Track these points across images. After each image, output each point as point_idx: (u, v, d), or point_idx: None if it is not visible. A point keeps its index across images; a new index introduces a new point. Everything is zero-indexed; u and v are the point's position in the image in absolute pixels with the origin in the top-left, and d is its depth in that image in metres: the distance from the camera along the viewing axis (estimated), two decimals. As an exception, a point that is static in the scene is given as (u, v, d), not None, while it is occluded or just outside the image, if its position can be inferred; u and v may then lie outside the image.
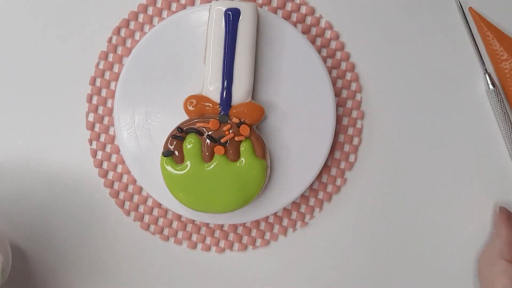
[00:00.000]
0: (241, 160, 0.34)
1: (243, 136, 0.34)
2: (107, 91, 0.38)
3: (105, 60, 0.38)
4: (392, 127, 0.39)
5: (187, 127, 0.34)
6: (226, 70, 0.34)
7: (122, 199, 0.39)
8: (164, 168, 0.34)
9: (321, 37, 0.38)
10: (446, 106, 0.39)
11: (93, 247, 0.39)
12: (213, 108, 0.34)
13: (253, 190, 0.35)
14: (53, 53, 0.38)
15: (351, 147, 0.39)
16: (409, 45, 0.39)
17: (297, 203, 0.39)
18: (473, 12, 0.39)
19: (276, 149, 0.36)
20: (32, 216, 0.39)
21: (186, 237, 0.39)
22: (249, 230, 0.39)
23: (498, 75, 0.39)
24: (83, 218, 0.39)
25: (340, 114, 0.39)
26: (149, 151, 0.36)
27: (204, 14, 0.36)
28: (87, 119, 0.39)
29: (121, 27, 0.38)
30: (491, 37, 0.38)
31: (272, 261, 0.39)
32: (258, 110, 0.35)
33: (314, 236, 0.39)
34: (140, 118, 0.36)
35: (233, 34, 0.34)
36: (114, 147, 0.39)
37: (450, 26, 0.39)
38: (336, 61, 0.38)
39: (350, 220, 0.39)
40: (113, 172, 0.39)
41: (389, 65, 0.39)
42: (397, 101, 0.39)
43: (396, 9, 0.39)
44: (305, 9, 0.38)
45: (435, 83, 0.39)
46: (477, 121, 0.39)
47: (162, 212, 0.39)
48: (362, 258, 0.39)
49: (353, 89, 0.39)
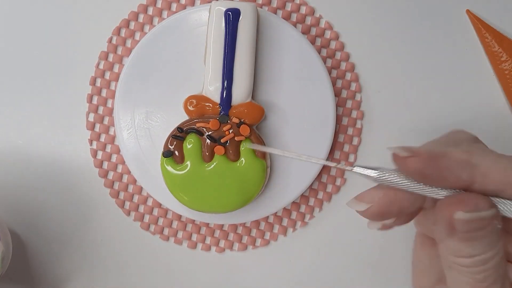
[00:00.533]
0: (241, 160, 0.34)
1: (243, 136, 0.34)
2: (107, 91, 0.38)
3: (105, 60, 0.38)
4: (392, 127, 0.39)
5: (187, 127, 0.34)
6: (226, 70, 0.34)
7: (122, 199, 0.39)
8: (164, 168, 0.34)
9: (321, 37, 0.38)
10: (446, 107, 0.39)
11: (93, 247, 0.39)
12: (213, 108, 0.34)
13: (253, 190, 0.35)
14: (53, 53, 0.38)
15: (351, 147, 0.39)
16: (409, 45, 0.39)
17: (297, 203, 0.39)
18: (471, 15, 0.39)
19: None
20: (31, 216, 0.39)
21: (186, 237, 0.39)
22: (249, 230, 0.39)
23: (498, 76, 0.39)
24: (83, 218, 0.39)
25: (340, 114, 0.39)
26: (150, 151, 0.36)
27: (204, 14, 0.36)
28: (87, 119, 0.39)
29: (121, 27, 0.38)
30: (490, 38, 0.38)
31: (272, 261, 0.39)
32: (258, 110, 0.35)
33: (314, 236, 0.39)
34: (140, 118, 0.36)
35: (233, 34, 0.34)
36: (114, 147, 0.39)
37: (450, 26, 0.39)
38: (336, 61, 0.39)
39: (350, 220, 0.39)
40: (113, 172, 0.39)
41: (389, 65, 0.39)
42: (397, 101, 0.39)
43: (395, 10, 0.39)
44: (305, 9, 0.38)
45: (435, 83, 0.39)
46: (478, 120, 0.39)
47: (162, 212, 0.39)
48: (362, 258, 0.39)
49: (353, 89, 0.39)
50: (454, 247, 0.25)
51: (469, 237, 0.25)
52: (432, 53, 0.39)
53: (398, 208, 0.27)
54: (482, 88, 0.39)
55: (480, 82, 0.39)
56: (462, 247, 0.25)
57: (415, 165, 0.25)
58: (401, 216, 0.27)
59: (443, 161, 0.25)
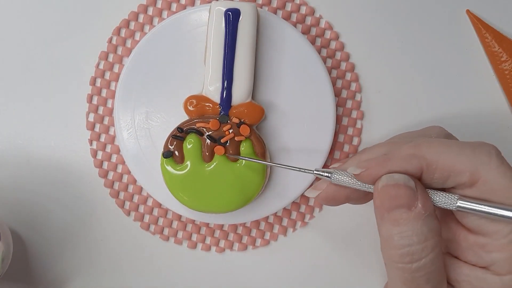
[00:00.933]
0: (241, 160, 0.34)
1: (243, 136, 0.34)
2: (107, 91, 0.38)
3: (105, 60, 0.38)
4: (392, 127, 0.39)
5: (187, 127, 0.34)
6: (226, 70, 0.34)
7: (122, 199, 0.39)
8: (164, 168, 0.34)
9: (321, 37, 0.38)
10: (446, 107, 0.39)
11: (93, 247, 0.39)
12: (213, 108, 0.34)
13: (253, 190, 0.35)
14: (53, 53, 0.38)
15: (351, 147, 0.39)
16: (409, 46, 0.39)
17: (297, 203, 0.39)
18: (471, 15, 0.39)
19: (276, 149, 0.36)
20: (31, 216, 0.39)
21: (186, 237, 0.39)
22: (249, 230, 0.39)
23: (498, 76, 0.39)
24: (83, 218, 0.39)
25: (340, 114, 0.39)
26: (150, 151, 0.36)
27: (204, 15, 0.36)
28: (87, 119, 0.39)
29: (121, 27, 0.38)
30: (490, 38, 0.38)
31: (272, 261, 0.39)
32: (258, 110, 0.35)
33: (314, 236, 0.39)
34: (140, 118, 0.36)
35: (233, 34, 0.34)
36: (114, 147, 0.39)
37: (450, 27, 0.39)
38: (336, 61, 0.39)
39: (350, 220, 0.39)
40: (113, 172, 0.39)
41: (389, 65, 0.39)
42: (397, 101, 0.39)
43: (395, 10, 0.39)
44: (305, 9, 0.38)
45: (435, 83, 0.39)
46: (477, 120, 0.39)
47: (162, 212, 0.39)
48: (362, 258, 0.39)
49: (353, 89, 0.39)
50: (386, 233, 0.28)
51: (395, 218, 0.27)
52: (432, 53, 0.39)
53: (345, 196, 0.31)
54: (482, 88, 0.39)
55: (480, 82, 0.39)
56: (393, 233, 0.27)
57: (367, 178, 0.29)
58: (351, 201, 0.32)
59: (388, 164, 0.28)
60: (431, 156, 0.28)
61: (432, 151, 0.28)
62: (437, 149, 0.28)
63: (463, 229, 0.29)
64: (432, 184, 0.28)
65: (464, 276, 0.29)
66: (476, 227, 0.28)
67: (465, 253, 0.29)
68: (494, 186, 0.27)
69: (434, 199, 0.28)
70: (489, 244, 0.28)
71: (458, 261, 0.29)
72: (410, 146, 0.28)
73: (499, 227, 0.27)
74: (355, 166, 0.29)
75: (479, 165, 0.27)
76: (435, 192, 0.28)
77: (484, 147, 0.27)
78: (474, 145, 0.28)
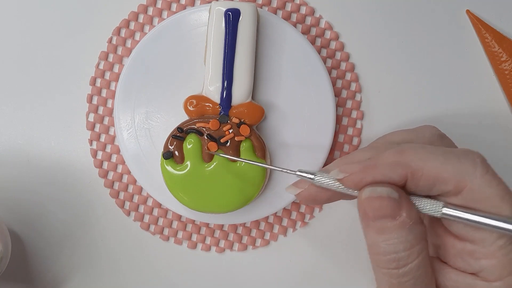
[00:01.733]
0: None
1: (243, 136, 0.34)
2: (107, 91, 0.38)
3: (105, 61, 0.38)
4: (392, 127, 0.39)
5: (187, 127, 0.34)
6: (226, 70, 0.34)
7: (122, 199, 0.39)
8: (164, 168, 0.34)
9: (321, 37, 0.39)
10: (446, 107, 0.39)
11: (92, 247, 0.39)
12: (213, 108, 0.34)
13: (253, 190, 0.35)
14: (53, 53, 0.38)
15: (351, 147, 0.39)
16: (409, 46, 0.39)
17: (297, 203, 0.39)
18: (471, 15, 0.39)
19: (276, 149, 0.36)
20: (31, 216, 0.39)
21: (186, 237, 0.39)
22: (249, 230, 0.39)
23: (498, 76, 0.39)
24: (83, 218, 0.39)
25: (340, 114, 0.39)
26: (149, 151, 0.36)
27: (204, 15, 0.36)
28: (87, 119, 0.39)
29: (121, 27, 0.38)
30: (490, 38, 0.38)
31: (272, 261, 0.39)
32: (258, 110, 0.35)
33: (314, 236, 0.39)
34: (140, 118, 0.36)
35: (233, 34, 0.34)
36: (114, 147, 0.39)
37: (450, 27, 0.39)
38: (336, 61, 0.39)
39: (350, 220, 0.39)
40: (113, 172, 0.39)
41: (389, 65, 0.39)
42: (397, 101, 0.39)
43: (395, 10, 0.39)
44: (305, 9, 0.38)
45: (435, 83, 0.39)
46: (477, 120, 0.39)
47: (162, 212, 0.39)
48: (362, 258, 0.39)
49: (353, 90, 0.39)
50: (372, 240, 0.28)
51: (380, 227, 0.27)
52: (432, 53, 0.39)
53: (327, 197, 0.30)
54: (482, 88, 0.39)
55: (480, 82, 0.39)
56: (378, 241, 0.27)
57: (350, 184, 0.28)
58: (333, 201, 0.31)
59: (372, 171, 0.28)
60: (416, 164, 0.27)
61: (417, 159, 0.27)
62: (422, 156, 0.27)
63: (450, 235, 0.29)
64: (417, 192, 0.28)
65: (453, 282, 0.28)
66: (463, 234, 0.28)
67: (454, 259, 0.29)
68: (479, 195, 0.26)
69: (419, 206, 0.28)
70: (477, 251, 0.27)
71: (447, 266, 0.29)
72: (395, 152, 0.28)
73: (485, 234, 0.27)
74: (338, 170, 0.28)
75: (465, 174, 0.26)
76: (420, 198, 0.28)
77: (469, 156, 0.27)
78: (459, 153, 0.27)
